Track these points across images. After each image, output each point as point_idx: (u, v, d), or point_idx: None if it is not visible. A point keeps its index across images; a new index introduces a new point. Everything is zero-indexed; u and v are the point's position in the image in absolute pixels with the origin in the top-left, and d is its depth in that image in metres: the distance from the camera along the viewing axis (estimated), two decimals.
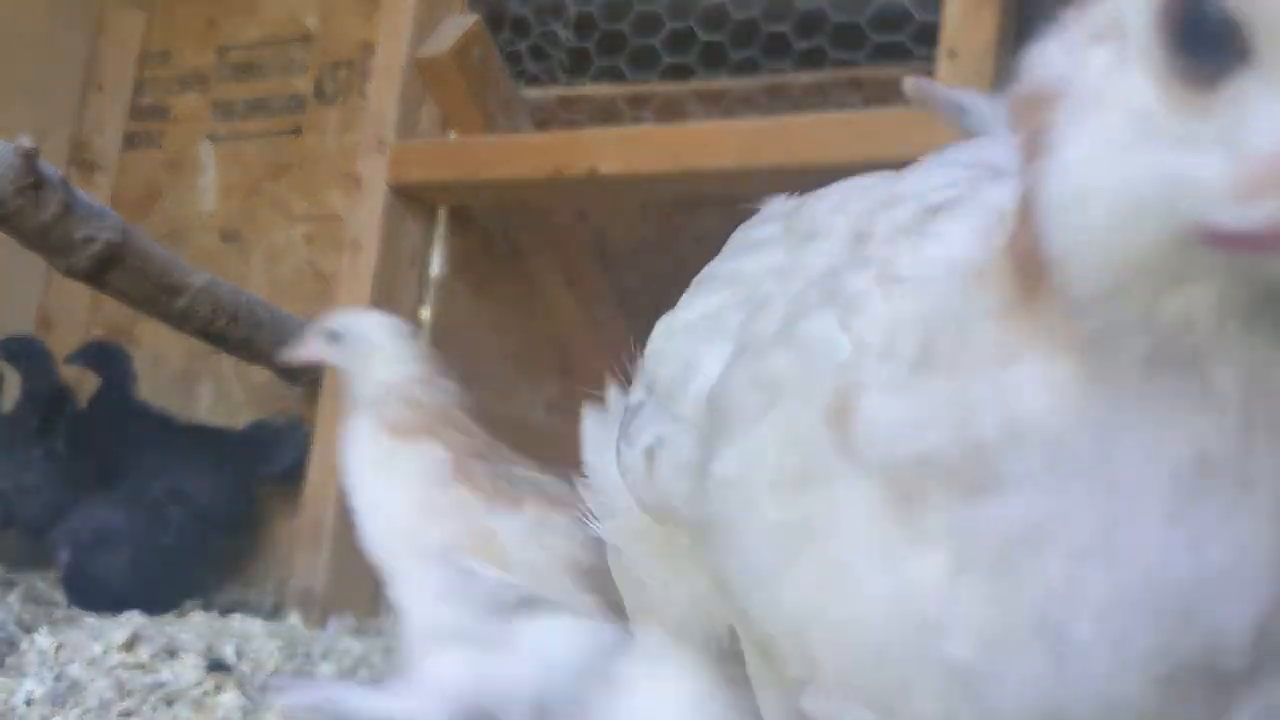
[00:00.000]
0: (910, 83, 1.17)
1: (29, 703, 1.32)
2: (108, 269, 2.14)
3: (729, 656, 0.73)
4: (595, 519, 0.87)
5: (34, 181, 1.97)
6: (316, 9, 3.09)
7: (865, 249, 0.59)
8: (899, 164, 2.04)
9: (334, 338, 1.60)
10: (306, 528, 2.30)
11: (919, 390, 0.51)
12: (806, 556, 0.54)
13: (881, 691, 0.52)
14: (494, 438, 2.28)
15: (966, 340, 0.50)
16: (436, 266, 2.49)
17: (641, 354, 0.85)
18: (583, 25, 2.34)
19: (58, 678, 1.40)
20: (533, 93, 2.48)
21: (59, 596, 2.21)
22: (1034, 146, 0.48)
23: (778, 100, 2.19)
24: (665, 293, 3.10)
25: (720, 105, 2.26)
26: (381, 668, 1.82)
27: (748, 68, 2.18)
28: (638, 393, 0.81)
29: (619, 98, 2.36)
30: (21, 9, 3.22)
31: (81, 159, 3.35)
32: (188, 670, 1.51)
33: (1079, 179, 0.44)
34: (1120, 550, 0.45)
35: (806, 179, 2.24)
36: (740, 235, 0.83)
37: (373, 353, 1.55)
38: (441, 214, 2.50)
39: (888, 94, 2.08)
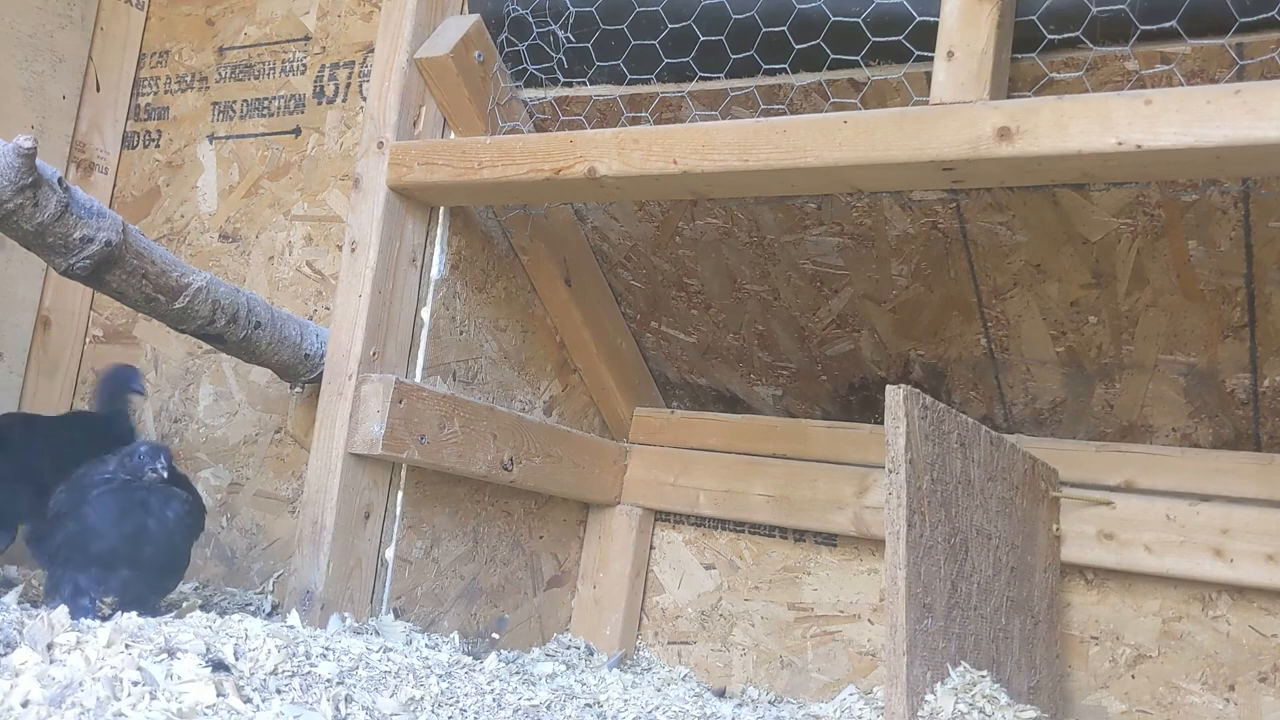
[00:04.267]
0: None
1: (25, 704, 1.32)
2: (106, 269, 2.14)
3: None
4: None
5: (33, 181, 1.96)
6: (316, 9, 3.08)
7: None
8: (898, 164, 2.04)
9: None
10: (306, 528, 2.30)
11: None
12: None
13: None
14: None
15: None
16: (436, 266, 2.49)
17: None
18: (582, 25, 2.33)
19: (55, 678, 1.39)
20: (532, 93, 2.48)
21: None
22: None
23: (776, 100, 2.19)
24: (665, 293, 3.14)
25: (720, 105, 2.26)
26: (381, 667, 1.82)
27: (747, 68, 2.17)
28: None
29: (618, 98, 2.36)
30: (21, 9, 3.22)
31: (80, 159, 3.35)
32: (187, 670, 1.50)
33: None
34: None
35: (806, 179, 2.25)
36: None
37: None
38: (441, 214, 2.50)
39: (887, 95, 2.08)
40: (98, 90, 3.38)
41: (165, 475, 2.07)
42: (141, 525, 2.07)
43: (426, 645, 2.20)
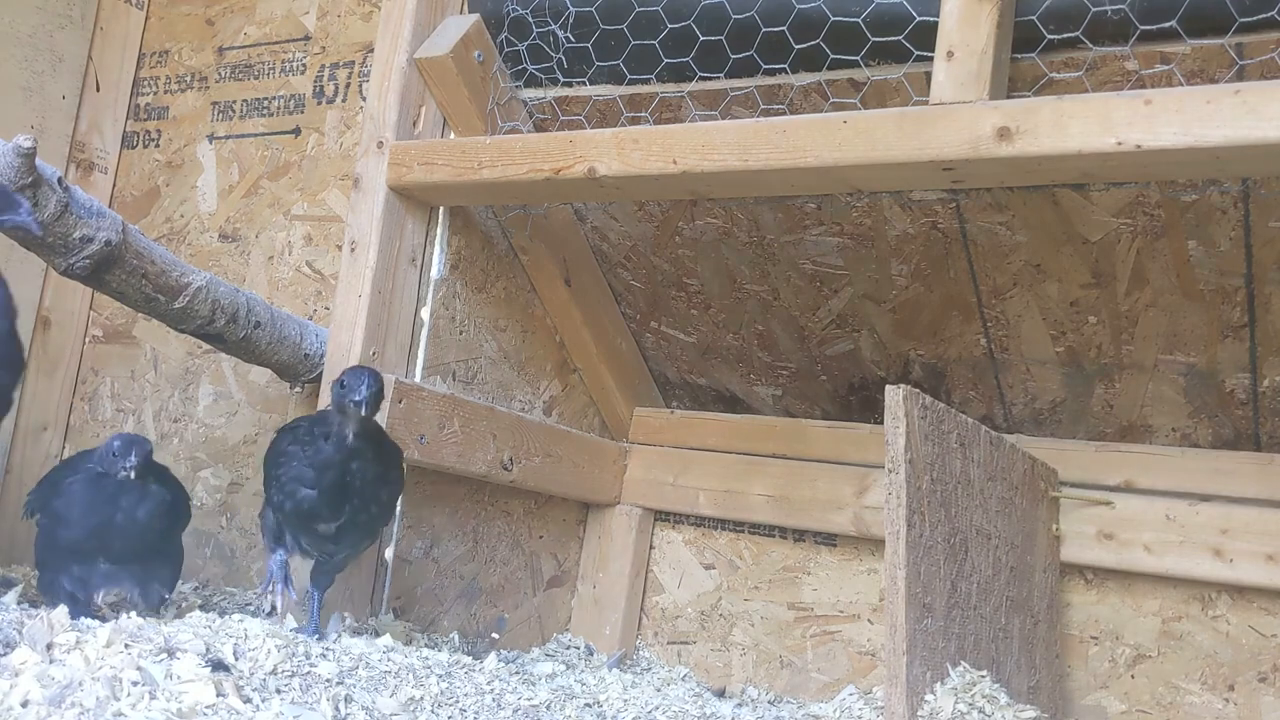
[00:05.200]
0: None
1: (25, 704, 1.32)
2: (106, 269, 2.14)
3: None
4: None
5: (32, 181, 1.96)
6: (316, 9, 3.08)
7: None
8: (898, 164, 2.04)
9: None
10: None
11: None
12: None
13: None
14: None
15: None
16: (436, 266, 2.49)
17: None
18: (582, 25, 2.33)
19: (54, 678, 1.39)
20: (532, 93, 2.48)
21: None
22: None
23: (776, 100, 2.19)
24: (665, 293, 3.13)
25: (720, 105, 2.26)
26: (381, 667, 1.82)
27: (747, 68, 2.17)
28: None
29: (618, 98, 2.36)
30: (21, 9, 3.22)
31: (80, 159, 3.35)
32: (186, 670, 1.50)
33: None
34: None
35: (806, 179, 2.25)
36: None
37: None
38: (441, 214, 2.50)
39: (887, 95, 2.08)
40: (97, 90, 3.38)
41: (131, 474, 2.04)
42: (110, 516, 2.05)
43: (426, 645, 2.20)
